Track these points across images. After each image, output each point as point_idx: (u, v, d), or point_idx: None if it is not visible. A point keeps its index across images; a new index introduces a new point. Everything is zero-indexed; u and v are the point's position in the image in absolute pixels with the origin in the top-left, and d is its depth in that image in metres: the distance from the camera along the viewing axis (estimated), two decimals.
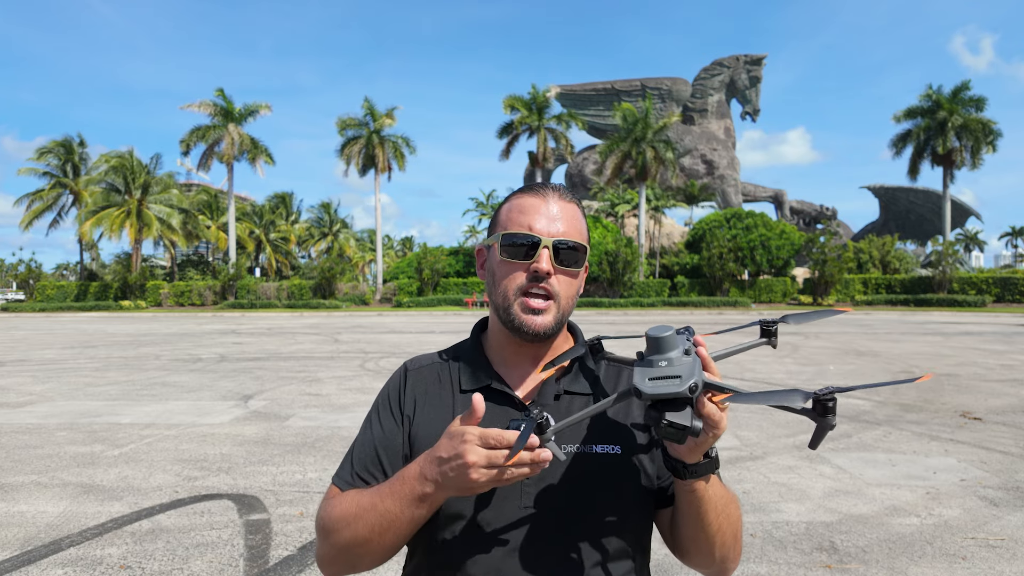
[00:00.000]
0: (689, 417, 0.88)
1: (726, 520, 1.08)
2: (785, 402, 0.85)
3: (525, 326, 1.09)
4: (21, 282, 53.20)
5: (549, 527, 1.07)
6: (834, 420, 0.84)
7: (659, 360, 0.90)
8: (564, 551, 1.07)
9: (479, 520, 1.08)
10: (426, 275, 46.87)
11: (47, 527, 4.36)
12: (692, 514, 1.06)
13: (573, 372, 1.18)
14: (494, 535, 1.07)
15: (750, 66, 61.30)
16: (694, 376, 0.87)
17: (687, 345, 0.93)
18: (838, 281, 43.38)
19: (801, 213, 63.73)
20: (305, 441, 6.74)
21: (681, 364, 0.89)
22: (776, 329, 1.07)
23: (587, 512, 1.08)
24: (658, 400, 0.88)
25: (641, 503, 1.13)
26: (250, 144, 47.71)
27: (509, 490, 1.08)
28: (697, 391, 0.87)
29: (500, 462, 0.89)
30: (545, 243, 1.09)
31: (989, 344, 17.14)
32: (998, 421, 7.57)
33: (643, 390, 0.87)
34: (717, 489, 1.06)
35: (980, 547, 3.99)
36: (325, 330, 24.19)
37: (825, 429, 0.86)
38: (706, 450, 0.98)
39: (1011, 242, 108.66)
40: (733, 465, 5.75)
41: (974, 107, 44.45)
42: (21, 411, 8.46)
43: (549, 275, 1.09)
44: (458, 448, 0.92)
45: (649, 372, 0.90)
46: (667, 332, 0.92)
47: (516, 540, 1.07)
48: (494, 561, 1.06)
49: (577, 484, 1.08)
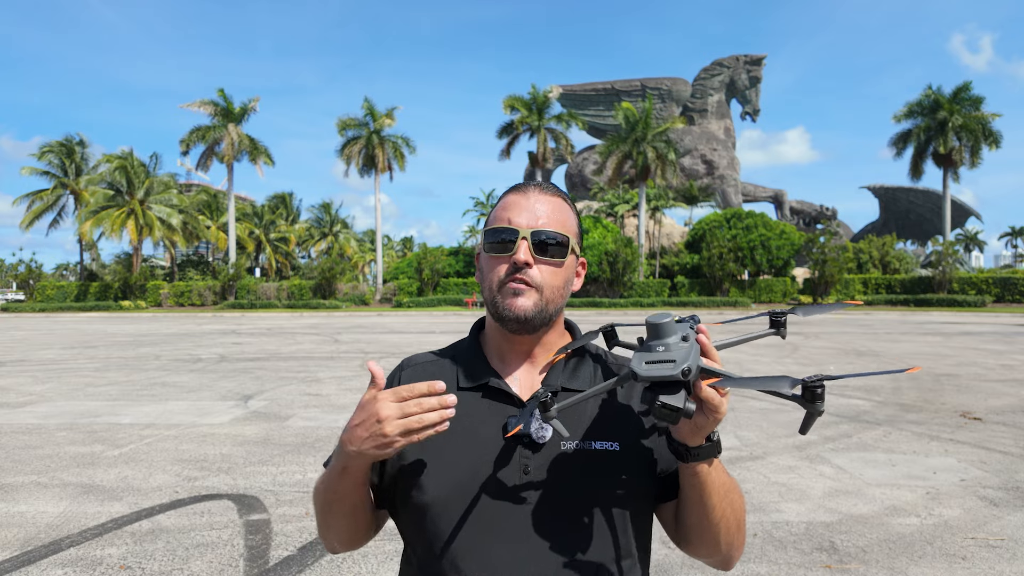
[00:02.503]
0: (682, 399, 0.91)
1: (729, 506, 1.10)
2: (774, 387, 0.88)
3: (507, 310, 1.12)
4: (21, 282, 53.16)
5: (547, 522, 1.08)
6: (822, 406, 0.88)
7: (657, 345, 0.95)
8: (562, 547, 1.08)
9: (476, 515, 1.09)
10: (426, 275, 46.88)
11: (47, 527, 4.36)
12: (696, 499, 1.08)
13: (572, 368, 1.19)
14: (491, 530, 1.08)
15: (750, 66, 61.29)
16: (688, 360, 0.91)
17: (686, 332, 0.97)
18: (838, 281, 43.37)
19: (801, 213, 63.74)
20: (305, 441, 6.75)
21: (677, 349, 0.93)
22: (785, 320, 1.11)
23: (585, 508, 1.10)
24: (654, 382, 0.92)
25: (640, 500, 1.14)
26: (250, 144, 47.72)
27: (507, 485, 1.09)
28: (691, 375, 0.91)
29: (412, 410, 0.96)
30: (523, 234, 1.12)
31: (989, 344, 17.15)
32: (998, 421, 7.57)
33: (639, 372, 0.92)
34: (720, 475, 1.08)
35: (980, 547, 3.99)
36: (325, 330, 24.19)
37: (814, 415, 0.90)
38: (707, 434, 1.01)
39: (1011, 242, 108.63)
40: (733, 465, 5.75)
41: (973, 107, 44.43)
42: (21, 411, 8.47)
43: (528, 265, 1.12)
44: (370, 408, 0.99)
45: (646, 356, 0.94)
46: (665, 319, 0.96)
47: (513, 535, 1.08)
48: (491, 556, 1.07)
49: (575, 480, 1.09)
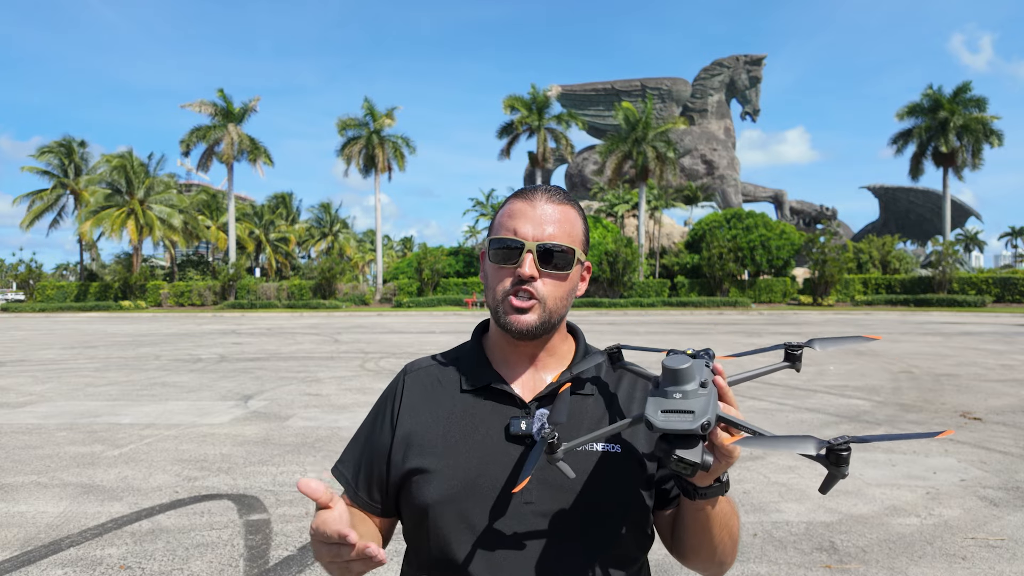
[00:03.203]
0: (699, 454, 0.86)
1: (727, 533, 1.11)
2: (798, 449, 0.83)
3: (511, 324, 1.12)
4: (21, 282, 53.15)
5: (550, 525, 1.08)
6: (847, 470, 0.83)
7: (674, 392, 0.88)
8: (564, 549, 1.08)
9: (478, 517, 1.09)
10: (426, 275, 46.87)
11: (47, 527, 4.36)
12: (697, 529, 1.09)
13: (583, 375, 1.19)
14: (493, 532, 1.08)
15: (750, 66, 61.26)
16: (707, 413, 0.85)
17: (704, 375, 0.91)
18: (838, 281, 43.36)
19: (801, 213, 63.72)
20: (305, 441, 6.75)
21: (696, 398, 0.87)
22: (801, 353, 1.06)
23: (587, 510, 1.09)
24: (669, 434, 0.86)
25: (641, 503, 1.13)
26: (249, 144, 47.72)
27: (508, 486, 1.09)
28: (709, 428, 0.85)
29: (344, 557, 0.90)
30: (529, 247, 1.11)
31: (989, 344, 17.15)
32: (998, 421, 7.57)
33: (654, 423, 0.85)
34: (723, 505, 1.08)
35: (980, 547, 3.99)
36: (325, 330, 24.19)
37: (836, 478, 0.85)
38: (717, 476, 0.98)
39: (1011, 242, 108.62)
40: (733, 465, 5.75)
41: (975, 107, 44.42)
42: (21, 411, 8.47)
43: (533, 279, 1.11)
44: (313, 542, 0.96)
45: (663, 403, 0.87)
46: (685, 364, 0.89)
47: (516, 537, 1.08)
48: (493, 558, 1.07)
49: (577, 482, 1.09)
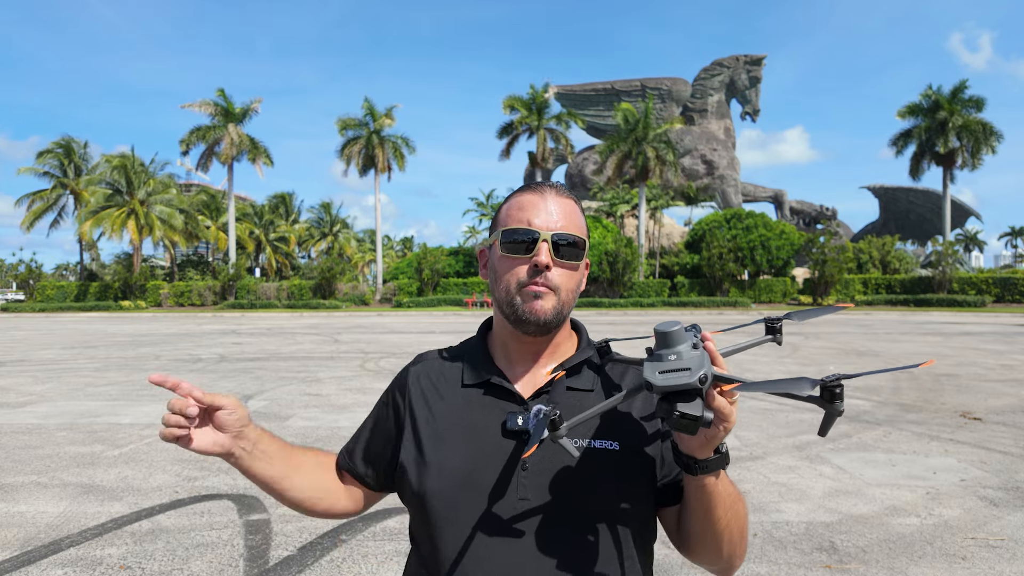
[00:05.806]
0: (700, 407, 0.89)
1: (734, 517, 1.09)
2: (793, 390, 0.87)
3: (528, 313, 1.12)
4: (21, 282, 53.14)
5: (546, 522, 1.08)
6: (841, 406, 0.87)
7: (668, 354, 0.92)
8: (561, 546, 1.07)
9: (473, 511, 1.09)
10: (426, 275, 46.87)
11: (47, 527, 4.36)
12: (701, 510, 1.07)
13: (575, 369, 1.19)
14: (487, 526, 1.08)
15: (750, 66, 61.24)
16: (703, 368, 0.89)
17: (695, 340, 0.95)
18: (838, 281, 43.38)
19: (801, 213, 63.71)
20: (305, 441, 6.74)
21: (690, 357, 0.91)
22: (780, 326, 1.09)
23: (585, 507, 1.09)
24: (669, 392, 0.91)
25: (640, 500, 1.13)
26: (249, 144, 47.71)
27: (505, 480, 1.09)
28: (707, 382, 0.89)
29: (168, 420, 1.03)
30: (544, 237, 1.11)
31: (989, 344, 17.14)
32: (998, 421, 7.57)
33: (654, 383, 0.89)
34: (726, 486, 1.07)
35: (980, 547, 3.99)
36: (325, 330, 24.19)
37: (833, 415, 0.89)
38: (716, 445, 0.99)
39: (1011, 242, 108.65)
40: (733, 465, 5.75)
41: (974, 107, 44.42)
42: (21, 411, 8.46)
43: (549, 268, 1.11)
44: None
45: (659, 366, 0.91)
46: (675, 327, 0.93)
47: (513, 534, 1.07)
48: (487, 552, 1.07)
49: (575, 479, 1.09)
